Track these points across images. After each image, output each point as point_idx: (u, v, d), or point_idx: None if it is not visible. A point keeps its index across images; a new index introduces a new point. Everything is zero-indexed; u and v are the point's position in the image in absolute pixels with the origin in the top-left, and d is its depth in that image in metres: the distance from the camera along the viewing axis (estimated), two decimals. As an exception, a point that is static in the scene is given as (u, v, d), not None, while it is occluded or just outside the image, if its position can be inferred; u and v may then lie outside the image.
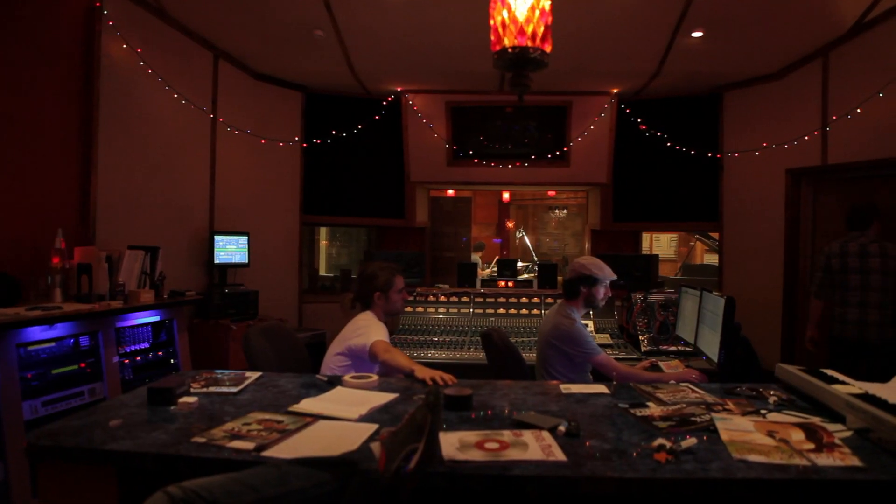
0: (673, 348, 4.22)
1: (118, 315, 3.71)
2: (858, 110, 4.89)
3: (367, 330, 2.93)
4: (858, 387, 2.06)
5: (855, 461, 1.61)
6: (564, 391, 2.40)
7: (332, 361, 2.96)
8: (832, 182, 5.49)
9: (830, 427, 1.88)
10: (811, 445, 1.72)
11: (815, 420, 1.97)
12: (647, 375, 3.17)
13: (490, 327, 3.47)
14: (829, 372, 2.31)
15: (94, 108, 4.05)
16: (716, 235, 7.25)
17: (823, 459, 1.62)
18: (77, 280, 3.63)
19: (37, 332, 3.14)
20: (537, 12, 2.27)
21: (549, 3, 2.33)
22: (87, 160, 4.04)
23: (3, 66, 3.46)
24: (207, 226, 5.48)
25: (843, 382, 2.15)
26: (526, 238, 10.11)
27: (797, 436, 1.80)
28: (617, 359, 3.98)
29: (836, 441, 1.76)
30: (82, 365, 3.43)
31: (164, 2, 4.57)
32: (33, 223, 3.64)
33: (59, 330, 3.28)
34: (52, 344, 3.26)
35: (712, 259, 9.88)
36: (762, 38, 5.05)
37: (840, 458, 1.62)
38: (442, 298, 5.27)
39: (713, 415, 2.01)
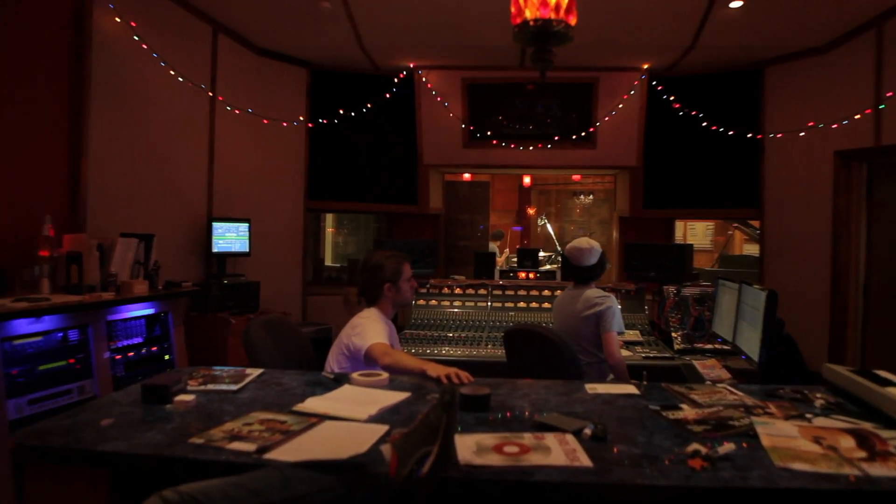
0: (709, 346, 4.19)
1: (110, 307, 3.75)
2: (917, 86, 4.80)
3: (364, 330, 2.88)
4: (916, 389, 2.03)
5: (912, 471, 1.58)
6: (590, 391, 2.40)
7: (334, 360, 2.97)
8: (888, 165, 5.39)
9: (884, 434, 1.85)
10: (863, 454, 1.69)
11: (867, 426, 1.93)
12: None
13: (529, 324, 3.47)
14: (883, 373, 2.27)
15: (85, 86, 4.07)
16: (756, 224, 7.17)
17: (877, 469, 1.59)
18: (66, 270, 3.66)
19: (23, 326, 3.17)
20: (562, -22, 2.24)
21: (576, -32, 2.30)
22: (78, 142, 4.06)
23: (-12, 40, 3.49)
24: (205, 212, 5.51)
25: (897, 384, 2.11)
26: (549, 226, 10.09)
27: (847, 443, 1.77)
28: (647, 357, 3.99)
29: (891, 449, 1.72)
30: (71, 361, 3.47)
31: (159, -30, 4.59)
32: (19, 209, 3.67)
33: (47, 323, 3.31)
34: (39, 338, 3.29)
35: (752, 249, 9.81)
36: (808, 8, 4.95)
37: None
38: (457, 291, 5.26)
39: (753, 418, 1.99)
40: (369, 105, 6.65)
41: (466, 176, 8.96)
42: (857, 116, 5.32)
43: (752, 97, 6.31)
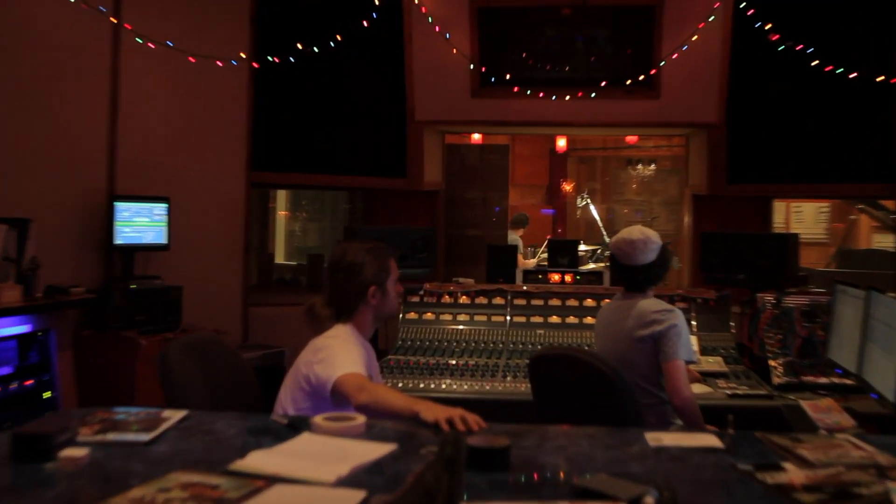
0: (823, 380, 4.17)
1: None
2: None
3: (332, 355, 2.87)
4: None
5: None
6: (652, 443, 2.37)
7: (289, 398, 2.96)
8: None
9: None
10: None
11: None
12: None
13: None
14: None
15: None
16: (890, 205, 7.16)
17: None
18: None
19: None
20: None
21: None
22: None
23: None
24: (105, 188, 5.52)
25: None
26: (592, 208, 10.08)
27: None
28: (734, 395, 3.97)
29: None
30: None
31: None
32: None
33: None
34: None
35: (885, 241, 9.79)
36: None
37: None
38: (463, 300, 5.25)
39: (888, 484, 1.97)
40: (339, 38, 6.63)
41: (476, 137, 8.95)
42: None
43: (883, 25, 6.30)
